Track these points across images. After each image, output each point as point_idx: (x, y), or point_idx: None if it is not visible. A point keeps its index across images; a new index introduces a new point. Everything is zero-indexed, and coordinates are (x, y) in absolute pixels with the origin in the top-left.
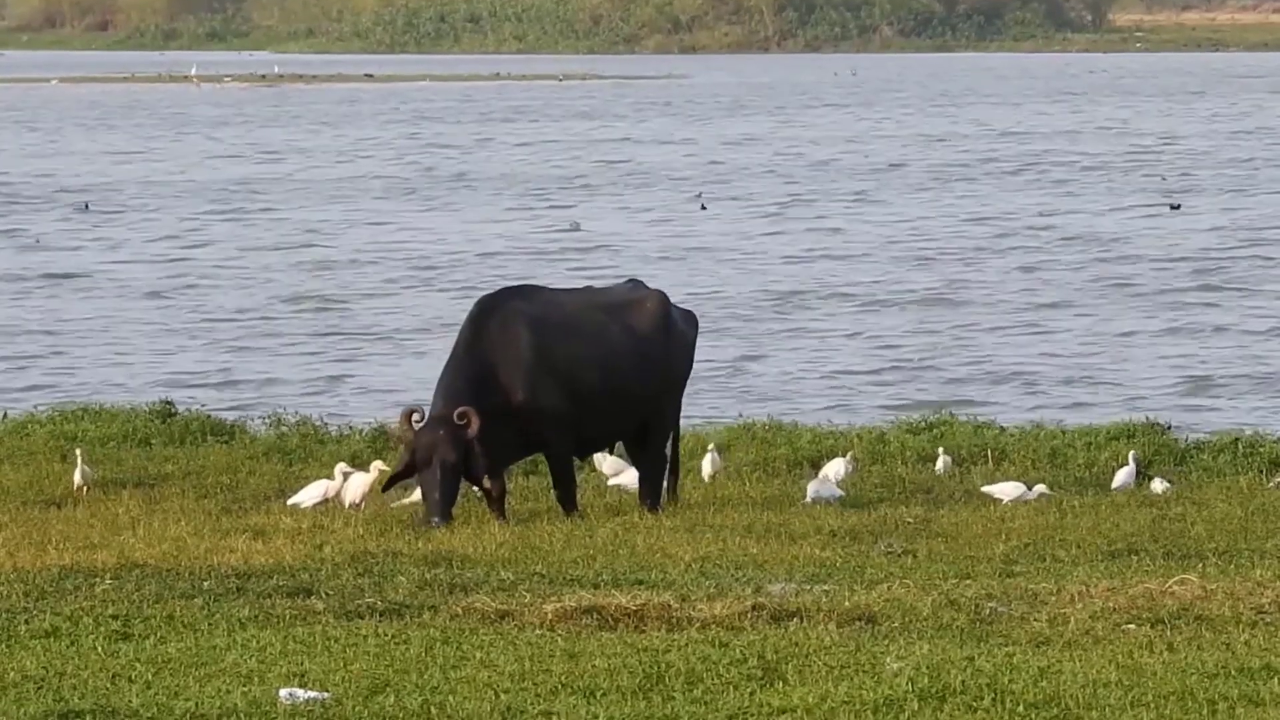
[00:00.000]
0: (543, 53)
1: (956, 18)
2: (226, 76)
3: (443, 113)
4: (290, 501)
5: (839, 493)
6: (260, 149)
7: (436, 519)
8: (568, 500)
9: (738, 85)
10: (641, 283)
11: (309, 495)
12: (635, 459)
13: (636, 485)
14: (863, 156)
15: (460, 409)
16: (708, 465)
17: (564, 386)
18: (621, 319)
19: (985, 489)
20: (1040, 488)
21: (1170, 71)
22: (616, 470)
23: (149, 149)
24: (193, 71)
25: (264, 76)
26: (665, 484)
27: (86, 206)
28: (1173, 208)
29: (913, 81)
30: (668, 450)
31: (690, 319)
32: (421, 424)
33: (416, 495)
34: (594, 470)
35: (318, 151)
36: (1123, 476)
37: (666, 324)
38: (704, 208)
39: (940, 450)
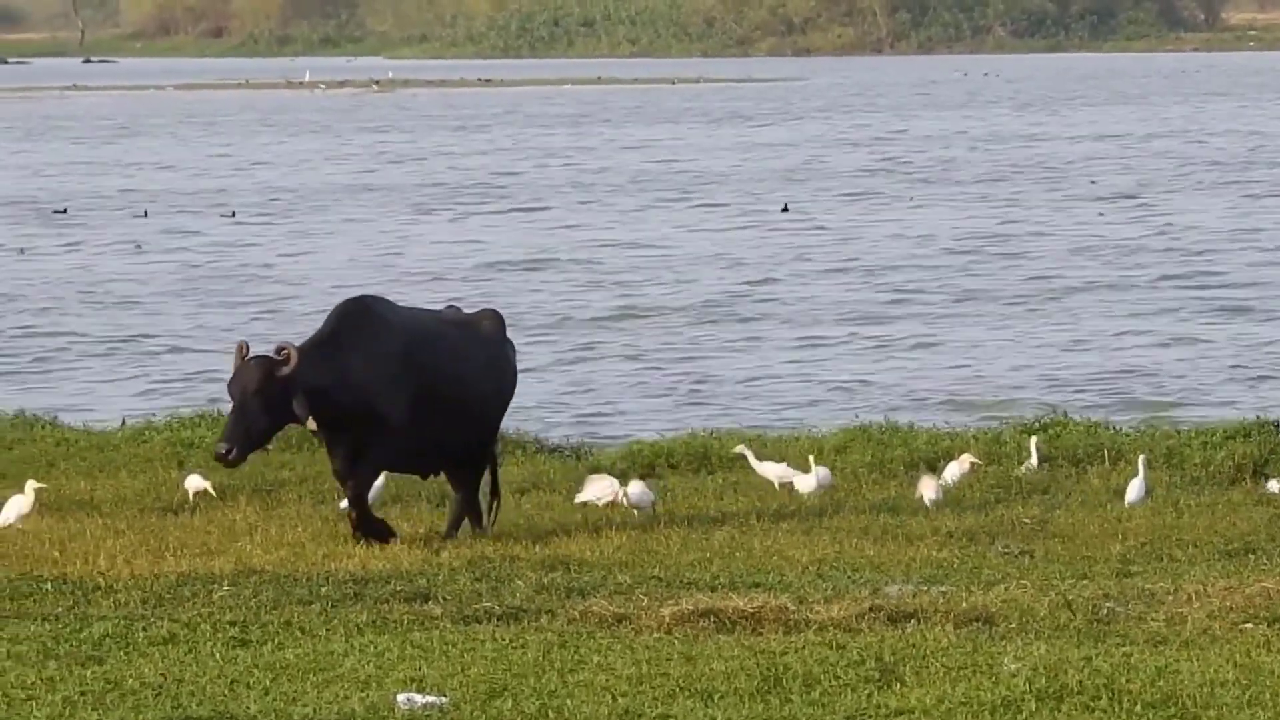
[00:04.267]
0: (656, 56)
1: (1070, 18)
2: (367, 81)
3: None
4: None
5: (940, 495)
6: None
7: (223, 446)
8: (365, 518)
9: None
10: (459, 309)
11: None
12: (456, 479)
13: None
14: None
15: (282, 344)
16: (812, 480)
17: (417, 398)
18: (469, 335)
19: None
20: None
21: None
22: (782, 476)
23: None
24: (305, 77)
25: (377, 82)
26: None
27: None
28: None
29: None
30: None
31: (510, 342)
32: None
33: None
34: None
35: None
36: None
37: (503, 342)
38: (785, 209)
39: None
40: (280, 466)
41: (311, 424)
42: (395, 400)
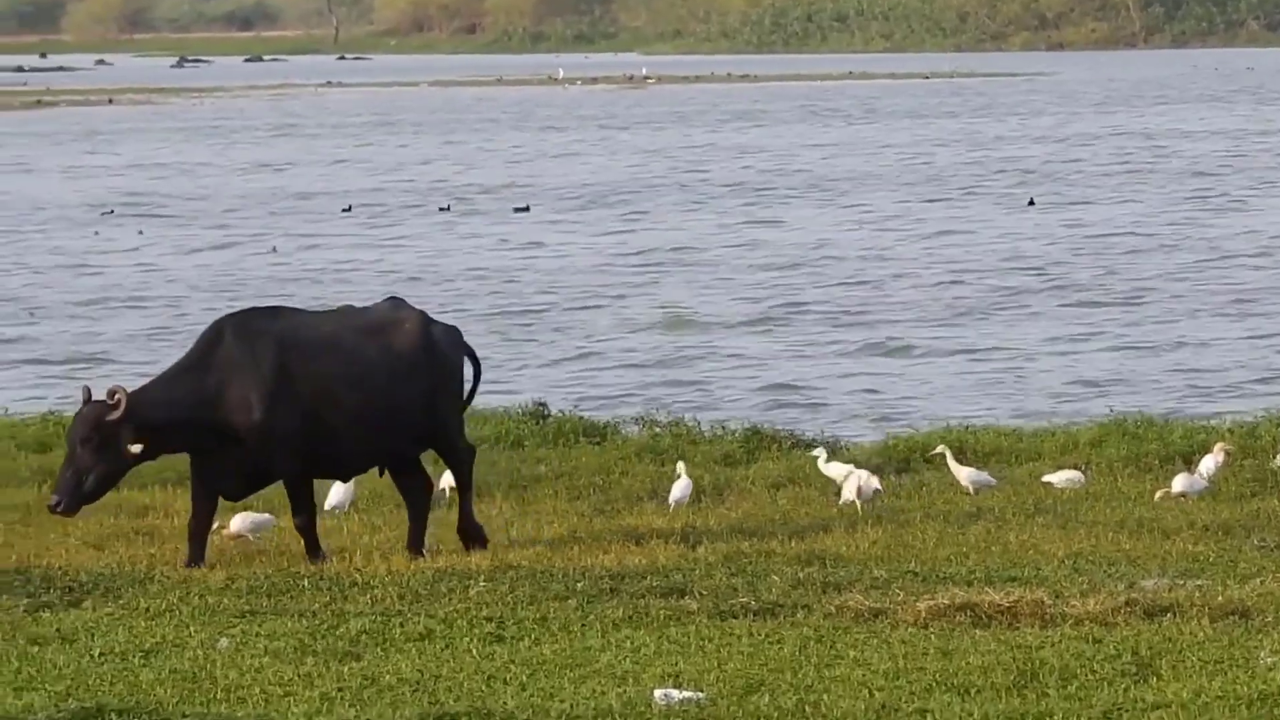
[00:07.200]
0: (909, 51)
1: None
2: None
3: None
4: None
5: (1204, 485)
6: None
7: (53, 498)
8: (306, 529)
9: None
10: (403, 301)
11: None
12: (402, 488)
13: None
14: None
15: (113, 387)
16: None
17: (307, 410)
18: (378, 339)
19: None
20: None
21: None
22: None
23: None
24: (559, 75)
25: (631, 78)
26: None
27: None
28: None
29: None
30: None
31: (453, 336)
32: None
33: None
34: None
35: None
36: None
37: (426, 344)
38: (1032, 203)
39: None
40: (536, 462)
41: (136, 447)
42: (274, 414)
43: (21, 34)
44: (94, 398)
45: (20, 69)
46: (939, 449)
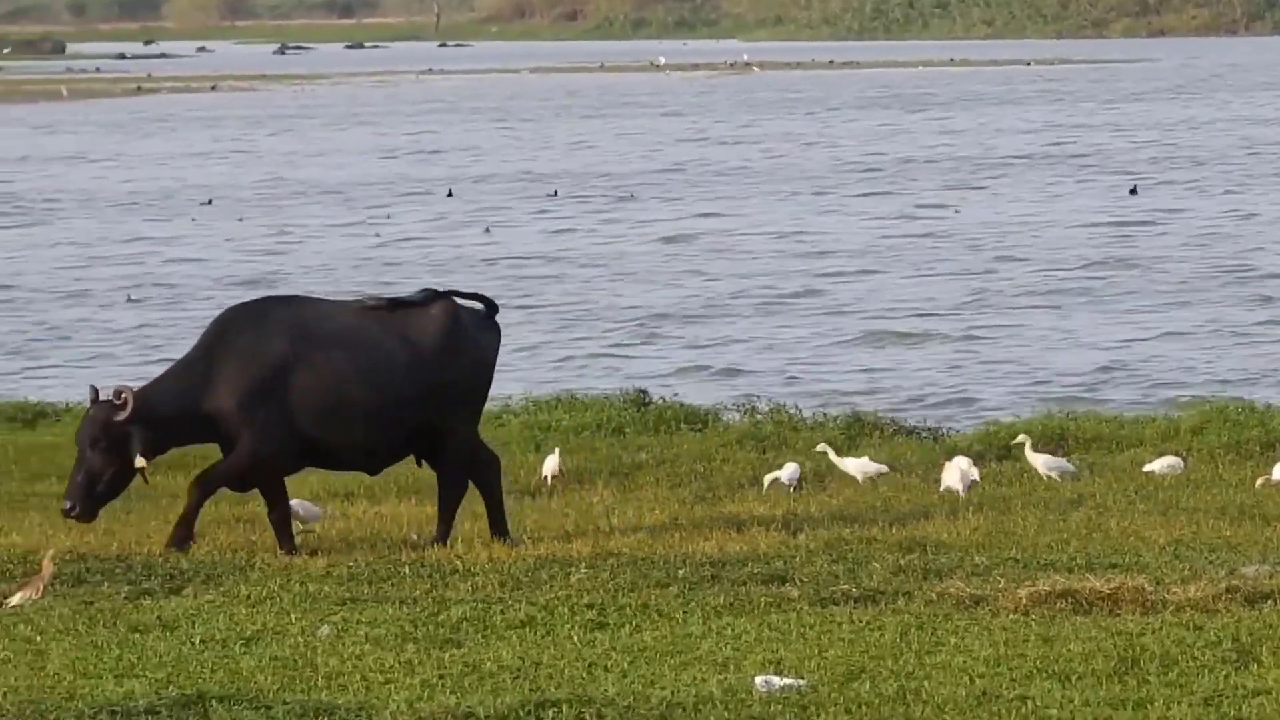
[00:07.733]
0: (1010, 37)
1: None
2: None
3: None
4: None
5: None
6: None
7: (68, 504)
8: (185, 522)
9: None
10: (435, 291)
11: None
12: (438, 479)
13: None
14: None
15: (119, 387)
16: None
17: (315, 402)
18: (398, 329)
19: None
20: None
21: None
22: (862, 470)
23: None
24: (660, 61)
25: (732, 65)
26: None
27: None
28: None
29: None
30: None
31: (486, 327)
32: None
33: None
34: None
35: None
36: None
37: (452, 333)
38: (1134, 192)
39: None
40: (638, 449)
41: (140, 461)
42: (272, 404)
43: (123, 21)
44: (102, 397)
45: (122, 56)
46: (1020, 438)
